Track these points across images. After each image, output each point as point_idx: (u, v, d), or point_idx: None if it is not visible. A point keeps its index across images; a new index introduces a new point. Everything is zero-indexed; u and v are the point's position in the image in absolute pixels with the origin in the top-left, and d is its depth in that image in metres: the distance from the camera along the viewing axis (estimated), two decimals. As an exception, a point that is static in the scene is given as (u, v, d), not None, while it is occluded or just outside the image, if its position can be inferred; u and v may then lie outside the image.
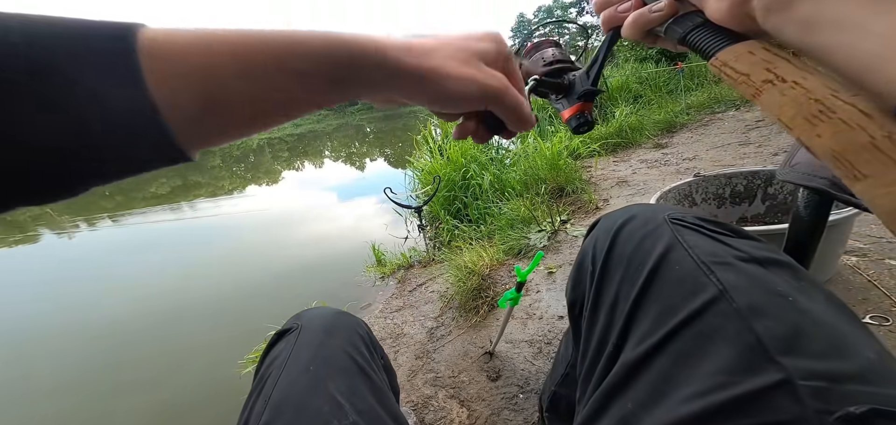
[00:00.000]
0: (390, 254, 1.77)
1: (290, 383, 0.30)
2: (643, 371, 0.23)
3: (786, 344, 0.19)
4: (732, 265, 0.24)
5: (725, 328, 0.21)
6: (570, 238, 1.41)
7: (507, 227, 1.60)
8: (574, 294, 0.36)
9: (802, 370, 0.18)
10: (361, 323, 0.41)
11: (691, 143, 2.38)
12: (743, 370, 0.20)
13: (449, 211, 2.00)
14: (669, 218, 0.29)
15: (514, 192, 1.91)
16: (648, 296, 0.26)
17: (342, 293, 1.54)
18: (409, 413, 0.85)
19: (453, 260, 1.43)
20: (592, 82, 0.30)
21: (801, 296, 0.22)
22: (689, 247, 0.26)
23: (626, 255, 0.29)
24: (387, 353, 1.07)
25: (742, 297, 0.22)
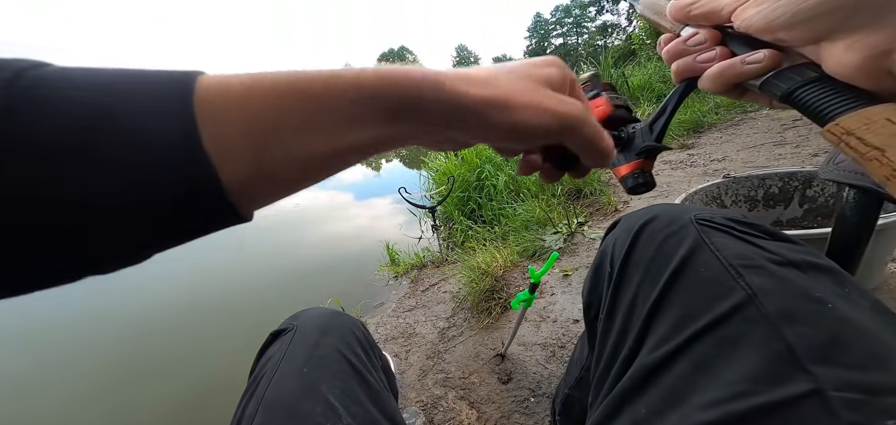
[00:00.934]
0: (404, 253, 1.79)
1: (284, 385, 0.29)
2: (659, 376, 0.22)
3: (820, 352, 0.18)
4: (764, 268, 0.22)
5: (752, 334, 0.20)
6: (587, 240, 1.38)
7: (521, 229, 1.57)
8: (590, 296, 0.35)
9: (837, 380, 0.17)
10: (358, 324, 0.40)
11: (720, 144, 2.27)
12: (769, 378, 0.18)
13: (463, 211, 1.99)
14: (696, 218, 0.28)
15: (530, 193, 1.89)
16: (669, 298, 0.25)
17: (356, 291, 1.57)
18: (419, 412, 0.86)
19: (466, 260, 1.43)
20: (657, 138, 0.26)
21: (843, 302, 0.20)
22: (716, 249, 0.25)
23: (647, 257, 0.28)
24: (397, 352, 1.09)
25: (773, 302, 0.20)
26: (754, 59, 0.20)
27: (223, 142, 0.13)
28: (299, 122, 0.14)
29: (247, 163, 0.13)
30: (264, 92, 0.13)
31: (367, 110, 0.15)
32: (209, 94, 0.13)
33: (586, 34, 44.33)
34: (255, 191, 0.14)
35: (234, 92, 0.13)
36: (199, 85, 0.13)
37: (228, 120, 0.13)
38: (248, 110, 0.13)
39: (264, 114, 0.13)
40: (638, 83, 3.68)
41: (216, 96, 0.13)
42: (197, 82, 0.13)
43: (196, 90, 0.13)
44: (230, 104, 0.13)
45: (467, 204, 2.02)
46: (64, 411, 1.20)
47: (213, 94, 0.13)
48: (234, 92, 0.13)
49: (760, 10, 0.20)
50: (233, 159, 0.13)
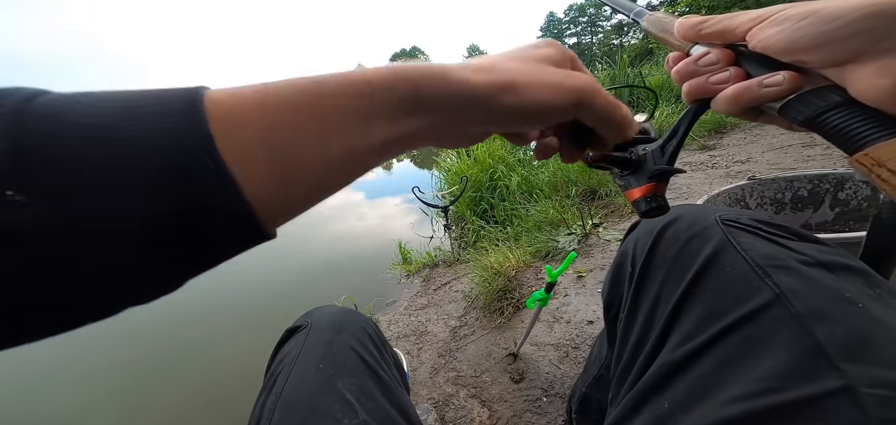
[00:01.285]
0: (416, 252, 1.80)
1: (301, 381, 0.30)
2: (683, 372, 0.22)
3: (850, 350, 0.18)
4: (793, 269, 0.22)
5: (780, 333, 0.20)
6: (603, 242, 1.35)
7: (534, 229, 1.56)
8: (611, 295, 0.35)
9: (868, 378, 0.17)
10: (369, 322, 0.41)
11: (744, 145, 2.19)
12: (798, 375, 0.18)
13: (475, 211, 2.00)
14: (721, 219, 0.28)
15: (543, 194, 1.87)
16: (693, 297, 0.25)
17: (368, 289, 1.59)
18: (430, 409, 0.86)
19: (479, 260, 1.43)
20: (669, 160, 0.26)
21: (875, 303, 0.20)
22: (742, 249, 0.25)
23: (670, 256, 0.28)
24: (409, 350, 1.10)
25: (802, 302, 0.20)
26: (773, 81, 0.19)
27: (242, 156, 0.12)
28: (315, 126, 0.13)
29: (267, 174, 0.13)
30: (277, 99, 0.13)
31: (380, 107, 0.14)
32: (222, 108, 0.12)
33: (601, 33, 43.48)
34: (278, 203, 0.13)
35: (247, 102, 0.13)
36: (209, 100, 0.12)
37: (245, 132, 0.12)
38: (263, 120, 0.12)
39: (279, 122, 0.13)
40: (656, 83, 3.59)
41: (230, 110, 0.12)
42: (206, 98, 0.12)
43: (207, 106, 0.12)
44: (244, 116, 0.12)
45: (479, 204, 2.02)
46: (83, 407, 1.25)
47: (226, 109, 0.12)
48: (247, 102, 0.13)
49: (781, 29, 0.18)
50: (253, 172, 0.12)
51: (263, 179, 0.12)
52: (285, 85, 0.13)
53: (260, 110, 0.13)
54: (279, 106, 0.13)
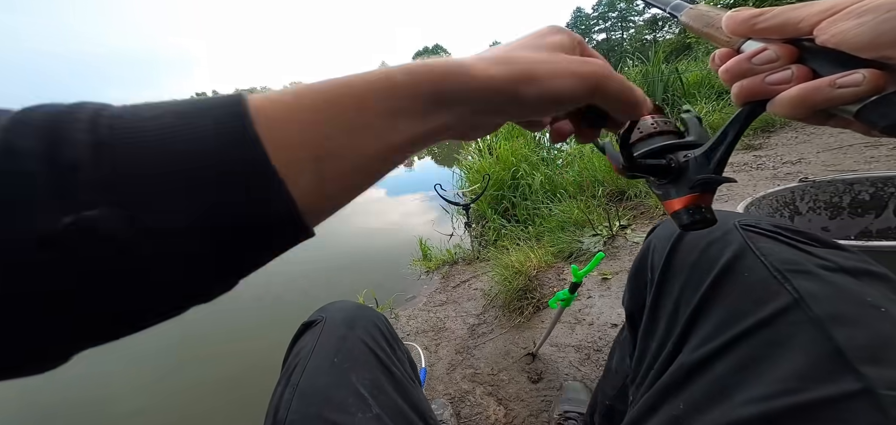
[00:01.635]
0: (436, 249, 1.82)
1: (317, 374, 0.31)
2: (700, 374, 0.23)
3: (870, 353, 0.19)
4: (814, 273, 0.23)
5: (798, 336, 0.20)
6: (630, 244, 1.30)
7: (557, 229, 1.52)
8: (632, 303, 0.35)
9: (888, 380, 0.18)
10: (381, 318, 0.41)
11: (795, 145, 2.01)
12: (817, 377, 0.19)
13: (496, 210, 1.98)
14: (740, 224, 0.28)
15: (567, 194, 1.82)
16: (712, 301, 0.25)
17: (389, 285, 1.62)
18: (446, 405, 0.87)
19: (499, 259, 1.41)
20: (715, 168, 0.23)
21: (895, 306, 0.20)
22: (762, 253, 0.25)
23: (690, 261, 0.28)
24: (427, 345, 1.11)
25: (821, 306, 0.21)
26: (850, 81, 0.17)
27: (286, 155, 0.13)
28: (350, 124, 0.14)
29: (309, 172, 0.13)
30: (313, 100, 0.14)
31: (408, 103, 0.15)
32: (263, 112, 0.13)
33: (633, 29, 41.40)
34: (318, 200, 0.14)
35: (286, 105, 0.13)
36: (252, 104, 0.13)
37: (287, 132, 0.13)
38: (302, 120, 0.13)
39: (317, 122, 0.13)
40: (694, 80, 3.38)
41: (271, 113, 0.13)
42: (248, 103, 0.13)
43: (250, 111, 0.13)
44: (285, 117, 0.13)
45: (501, 202, 2.00)
46: (119, 394, 1.34)
47: (268, 112, 0.13)
48: (286, 105, 0.13)
49: (862, 22, 0.16)
50: (297, 170, 0.13)
51: (304, 177, 0.13)
52: (317, 87, 0.14)
53: (297, 112, 0.13)
54: (314, 107, 0.14)
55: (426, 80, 0.15)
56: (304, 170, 0.13)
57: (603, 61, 0.19)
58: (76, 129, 0.11)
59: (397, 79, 0.15)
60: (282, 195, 0.13)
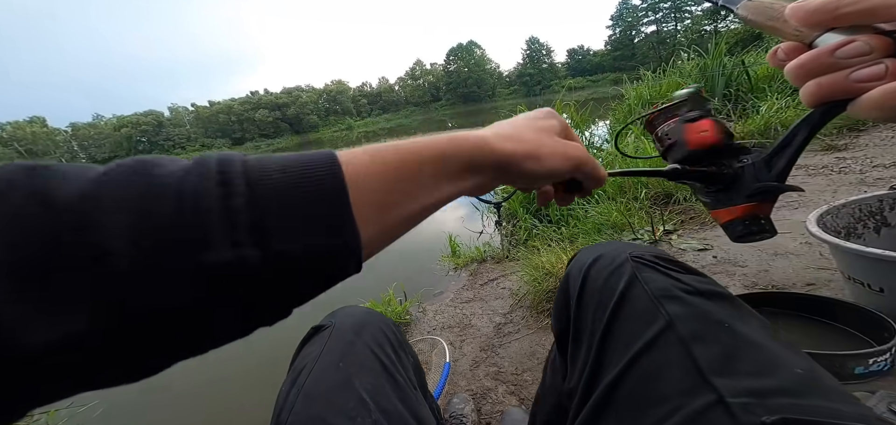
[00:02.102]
0: (465, 246, 1.82)
1: (322, 377, 0.32)
2: (616, 394, 0.26)
3: (719, 366, 0.22)
4: (679, 298, 0.27)
5: (672, 354, 0.24)
6: (676, 251, 1.20)
7: (593, 232, 1.45)
8: (558, 326, 0.39)
9: (733, 388, 0.21)
10: (389, 324, 0.42)
11: (890, 146, 1.71)
12: (687, 392, 0.22)
13: (528, 209, 1.94)
14: (631, 256, 0.32)
15: (606, 195, 1.73)
16: (615, 326, 0.29)
17: (417, 278, 1.66)
18: (468, 400, 0.87)
19: (529, 259, 1.38)
20: (779, 176, 0.22)
21: (738, 322, 0.24)
22: (645, 283, 0.29)
23: (597, 290, 0.32)
24: (452, 341, 1.12)
25: (685, 326, 0.25)
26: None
27: (361, 209, 0.16)
28: (406, 188, 0.18)
29: (373, 224, 0.17)
30: (383, 166, 0.17)
31: (448, 171, 0.19)
32: (348, 169, 0.16)
33: (689, 20, 37.55)
34: (374, 246, 0.17)
35: (363, 167, 0.17)
36: (342, 162, 0.16)
37: (362, 190, 0.16)
38: (373, 183, 0.17)
39: (384, 185, 0.17)
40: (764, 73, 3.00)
41: (353, 172, 0.16)
42: (340, 160, 0.16)
43: (342, 168, 0.16)
44: (362, 178, 0.16)
45: (533, 202, 1.95)
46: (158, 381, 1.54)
47: (351, 170, 0.16)
48: (363, 167, 0.17)
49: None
50: (366, 222, 0.16)
51: (370, 223, 0.16)
52: (385, 153, 0.18)
53: (370, 175, 0.17)
54: (386, 171, 0.17)
55: (463, 152, 0.20)
56: (370, 218, 0.16)
57: (581, 144, 0.26)
58: (236, 178, 0.14)
59: (444, 149, 0.19)
60: (356, 236, 0.16)
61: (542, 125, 0.25)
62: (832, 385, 0.21)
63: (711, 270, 1.03)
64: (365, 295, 1.35)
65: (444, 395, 0.92)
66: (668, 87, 3.17)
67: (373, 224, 0.17)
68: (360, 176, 0.16)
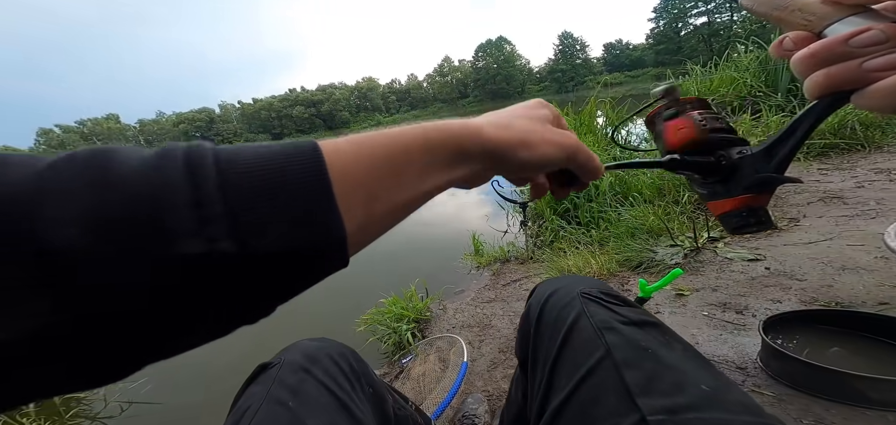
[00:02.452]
0: (488, 245, 1.80)
1: (268, 419, 0.30)
2: (560, 417, 0.29)
3: (642, 387, 0.25)
4: (616, 328, 0.30)
5: (609, 379, 0.27)
6: (720, 260, 1.09)
7: (626, 236, 1.37)
8: (522, 353, 0.42)
9: (652, 407, 0.24)
10: (344, 354, 0.41)
11: None
12: (620, 413, 0.25)
13: (555, 210, 1.87)
14: (580, 293, 0.36)
15: (642, 198, 1.62)
16: (563, 354, 0.32)
17: (440, 275, 1.67)
18: (483, 400, 0.86)
19: (555, 261, 1.34)
20: (778, 167, 0.22)
21: (662, 348, 0.28)
22: (590, 315, 0.33)
23: (551, 321, 0.35)
24: (471, 340, 1.11)
25: (619, 353, 0.28)
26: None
27: (345, 200, 0.15)
28: (393, 178, 0.17)
29: (359, 216, 0.16)
30: (368, 156, 0.16)
31: (436, 161, 0.19)
32: (331, 159, 0.15)
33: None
34: (360, 239, 0.17)
35: (347, 157, 0.16)
36: (325, 152, 0.15)
37: (347, 181, 0.15)
38: (358, 173, 0.16)
39: (370, 175, 0.16)
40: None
41: (336, 162, 0.15)
42: (323, 150, 0.15)
43: (325, 159, 0.15)
44: (346, 167, 0.16)
45: (561, 202, 1.88)
46: None
47: (333, 160, 0.15)
48: (347, 157, 0.16)
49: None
50: (351, 214, 0.15)
51: (356, 214, 0.16)
52: (370, 142, 0.17)
53: (356, 164, 0.16)
54: (372, 161, 0.16)
55: (452, 140, 0.19)
56: (356, 210, 0.16)
57: (574, 135, 0.25)
58: (206, 168, 0.13)
59: (432, 137, 0.18)
60: (340, 228, 0.15)
61: (534, 114, 0.24)
62: (737, 399, 0.24)
63: (763, 283, 0.92)
64: (387, 290, 1.38)
65: (460, 394, 0.91)
66: (719, 82, 2.91)
67: (359, 216, 0.16)
68: (345, 166, 0.16)
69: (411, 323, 1.24)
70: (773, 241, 1.12)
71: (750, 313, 0.83)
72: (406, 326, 1.21)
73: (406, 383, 1.03)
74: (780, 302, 0.83)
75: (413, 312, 1.27)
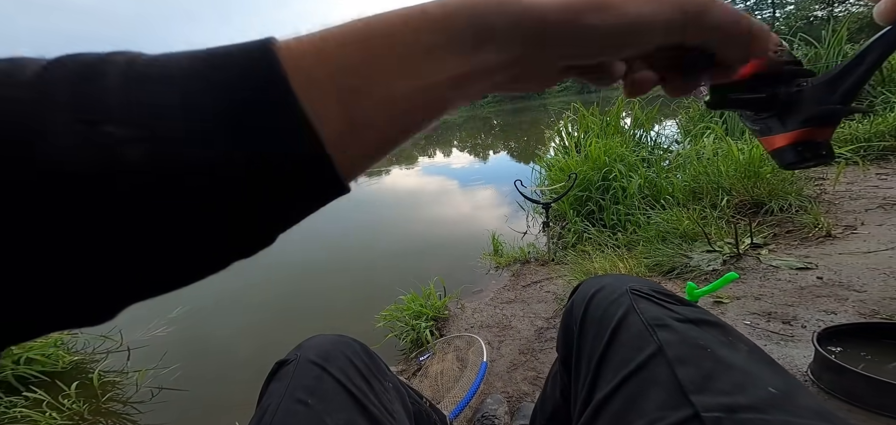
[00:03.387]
0: (507, 246, 1.78)
1: (288, 418, 0.31)
2: (605, 408, 0.29)
3: (698, 385, 0.25)
4: (670, 326, 0.30)
5: (660, 375, 0.27)
6: (764, 268, 1.03)
7: (656, 240, 1.31)
8: (565, 351, 0.42)
9: (708, 404, 0.24)
10: (358, 351, 0.41)
11: None
12: (669, 407, 0.25)
13: (579, 212, 1.82)
14: (630, 289, 0.36)
15: (675, 201, 1.55)
16: (610, 350, 0.32)
17: (458, 274, 1.66)
18: (502, 401, 0.84)
19: (580, 263, 1.30)
20: (842, 99, 0.20)
21: (723, 348, 0.28)
22: (640, 312, 0.32)
23: (597, 319, 0.35)
24: (490, 341, 1.09)
25: (673, 351, 0.28)
26: None
27: (311, 91, 0.12)
28: (380, 64, 0.13)
29: (335, 110, 0.12)
30: (341, 35, 0.13)
31: (444, 37, 0.13)
32: (291, 53, 0.12)
33: (791, 4, 30.51)
34: (350, 147, 0.13)
35: (313, 42, 0.13)
36: (279, 47, 0.12)
37: (312, 67, 0.12)
38: (328, 54, 0.12)
39: (343, 56, 0.13)
40: (900, 58, 2.44)
41: (298, 55, 0.12)
42: (275, 45, 0.12)
43: (278, 53, 0.12)
44: (311, 52, 0.12)
45: (585, 204, 1.83)
46: (228, 332, 1.71)
47: (294, 54, 0.12)
48: (313, 42, 0.13)
49: None
50: (323, 106, 0.12)
51: (331, 114, 0.12)
52: (347, 24, 0.13)
53: (323, 47, 0.13)
54: (341, 42, 0.13)
55: (466, 10, 0.13)
56: (330, 107, 0.12)
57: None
58: (109, 67, 0.11)
59: (433, 11, 0.13)
60: (309, 132, 0.12)
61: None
62: (808, 404, 0.23)
63: (814, 293, 0.86)
64: (404, 288, 1.39)
65: (479, 394, 0.90)
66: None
67: (337, 117, 0.12)
68: (308, 56, 0.12)
69: (429, 321, 1.24)
70: (826, 250, 1.04)
71: (799, 324, 0.77)
72: (425, 324, 1.21)
73: (423, 381, 1.03)
74: (835, 313, 0.77)
75: (431, 310, 1.27)
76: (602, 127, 2.42)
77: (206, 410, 1.21)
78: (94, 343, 1.55)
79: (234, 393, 1.21)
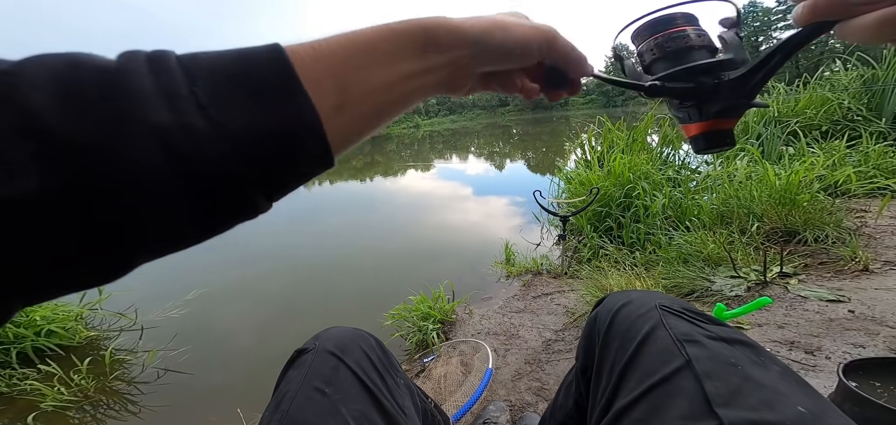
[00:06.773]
0: (519, 256, 1.79)
1: (306, 404, 0.33)
2: (627, 415, 0.30)
3: (725, 399, 0.26)
4: (700, 342, 0.31)
5: (686, 387, 0.28)
6: (791, 297, 1.01)
7: (677, 261, 1.30)
8: (586, 360, 0.44)
9: (734, 418, 0.25)
10: (373, 346, 0.43)
11: None
12: (694, 417, 0.26)
13: (597, 228, 1.82)
14: (659, 305, 0.37)
15: (700, 223, 1.53)
16: (635, 362, 0.33)
17: (467, 279, 1.68)
18: (505, 408, 0.86)
19: (595, 279, 1.30)
20: (750, 94, 0.24)
21: (754, 367, 0.29)
22: (669, 327, 0.34)
23: (623, 331, 0.37)
24: (497, 348, 1.11)
25: (701, 366, 0.29)
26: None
27: (312, 82, 0.16)
28: (360, 61, 0.18)
29: (331, 94, 0.17)
30: (334, 44, 0.18)
31: (408, 45, 0.19)
32: (293, 53, 0.17)
33: None
34: (340, 122, 0.18)
35: (307, 47, 0.17)
36: (286, 48, 0.17)
37: (314, 64, 0.17)
38: (325, 58, 0.17)
39: (336, 59, 0.18)
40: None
41: (298, 53, 0.17)
42: (283, 48, 0.17)
43: (288, 51, 0.17)
44: (312, 54, 0.17)
45: (604, 220, 1.82)
46: (238, 320, 1.78)
47: (295, 53, 0.17)
48: (307, 47, 0.17)
49: None
50: (322, 92, 0.17)
51: (327, 98, 0.17)
52: (336, 35, 0.18)
53: (320, 51, 0.17)
54: (339, 47, 0.18)
55: (420, 28, 0.20)
56: (327, 93, 0.17)
57: (551, 25, 0.25)
58: (169, 60, 0.15)
59: (397, 27, 0.20)
60: (311, 109, 0.16)
61: (505, 11, 0.25)
62: (840, 424, 0.24)
63: (845, 326, 0.84)
64: (416, 288, 1.42)
65: (482, 400, 0.92)
66: (806, 102, 2.68)
67: (331, 100, 0.17)
68: (306, 53, 0.17)
69: (437, 323, 1.27)
70: (861, 284, 1.01)
71: (823, 355, 0.76)
72: (432, 326, 1.24)
73: (426, 382, 1.06)
74: (864, 347, 0.75)
75: (439, 313, 1.30)
76: (628, 142, 2.42)
77: (207, 395, 1.25)
78: (110, 319, 1.65)
79: (235, 381, 1.27)
